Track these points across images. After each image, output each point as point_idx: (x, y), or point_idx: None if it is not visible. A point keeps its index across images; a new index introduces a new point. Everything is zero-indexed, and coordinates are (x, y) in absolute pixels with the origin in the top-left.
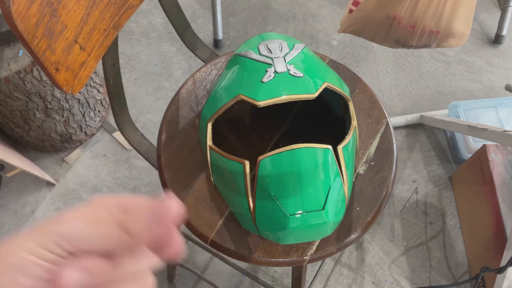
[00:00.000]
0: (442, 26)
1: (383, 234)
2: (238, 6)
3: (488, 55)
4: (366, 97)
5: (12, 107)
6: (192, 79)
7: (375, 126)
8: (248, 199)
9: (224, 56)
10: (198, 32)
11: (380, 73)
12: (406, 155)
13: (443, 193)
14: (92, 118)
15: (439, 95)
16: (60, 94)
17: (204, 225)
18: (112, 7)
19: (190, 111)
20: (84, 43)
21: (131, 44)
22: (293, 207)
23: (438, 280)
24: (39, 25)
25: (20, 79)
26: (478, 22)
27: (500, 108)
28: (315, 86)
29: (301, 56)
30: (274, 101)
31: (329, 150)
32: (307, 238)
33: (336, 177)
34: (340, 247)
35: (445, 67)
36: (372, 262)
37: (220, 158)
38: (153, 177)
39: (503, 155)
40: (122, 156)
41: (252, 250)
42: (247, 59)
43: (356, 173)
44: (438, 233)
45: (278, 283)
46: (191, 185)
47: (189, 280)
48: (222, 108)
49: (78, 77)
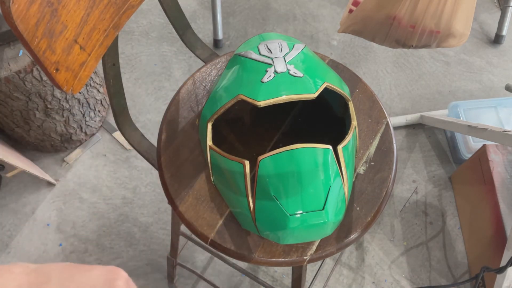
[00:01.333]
0: (442, 26)
1: (383, 234)
2: (238, 6)
3: (488, 55)
4: (366, 97)
5: (12, 107)
6: (192, 79)
7: (375, 126)
8: (248, 199)
9: (224, 56)
10: (198, 32)
11: (380, 73)
12: (406, 155)
13: (443, 193)
14: (92, 118)
15: (439, 95)
16: (60, 94)
17: (204, 225)
18: (112, 7)
19: (190, 111)
20: (84, 43)
21: (131, 44)
22: (293, 207)
23: (438, 280)
24: (39, 25)
25: (20, 79)
26: (478, 22)
27: (500, 108)
28: (315, 86)
29: (301, 56)
30: (274, 101)
31: (329, 150)
32: (307, 238)
33: (336, 177)
34: (340, 247)
35: (445, 67)
36: (372, 262)
37: (220, 158)
38: (153, 177)
39: (503, 155)
40: (122, 156)
41: (252, 250)
42: (247, 59)
43: (356, 173)
44: (438, 233)
45: (278, 283)
46: (191, 185)
47: (189, 280)
48: (222, 108)
49: (78, 77)
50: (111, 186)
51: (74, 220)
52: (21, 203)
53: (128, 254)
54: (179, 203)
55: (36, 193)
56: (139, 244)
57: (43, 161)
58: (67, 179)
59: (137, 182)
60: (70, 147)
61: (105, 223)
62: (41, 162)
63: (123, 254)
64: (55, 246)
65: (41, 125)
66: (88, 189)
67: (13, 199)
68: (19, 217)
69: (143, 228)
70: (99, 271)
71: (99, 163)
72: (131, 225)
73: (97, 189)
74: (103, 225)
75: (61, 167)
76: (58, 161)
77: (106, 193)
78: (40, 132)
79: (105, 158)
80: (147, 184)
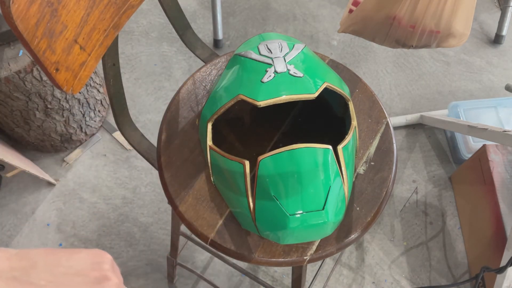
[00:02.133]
0: (442, 26)
1: (383, 234)
2: (238, 6)
3: (488, 55)
4: (366, 97)
5: (12, 107)
6: (192, 79)
7: (375, 126)
8: (248, 199)
9: (224, 56)
10: (198, 32)
11: (380, 73)
12: (406, 155)
13: (443, 193)
14: (92, 118)
15: (439, 95)
16: (60, 94)
17: (204, 225)
18: (112, 7)
19: (190, 111)
20: (84, 43)
21: (131, 44)
22: (293, 207)
23: (438, 280)
24: (39, 25)
25: (20, 79)
26: (478, 22)
27: (500, 108)
28: (315, 86)
29: (301, 56)
30: (274, 101)
31: (329, 150)
32: (307, 238)
33: (336, 177)
34: (340, 247)
35: (445, 67)
36: (372, 262)
37: (220, 158)
38: (153, 177)
39: (503, 155)
40: (122, 156)
41: (252, 250)
42: (247, 59)
43: (356, 173)
44: (438, 233)
45: (278, 283)
46: (191, 185)
47: (189, 280)
48: (222, 108)
49: (78, 77)
50: (111, 186)
51: (74, 220)
52: (21, 203)
53: (128, 254)
54: (179, 203)
55: (36, 193)
56: (139, 244)
57: (43, 161)
58: (67, 179)
59: (137, 182)
60: (70, 147)
61: (105, 223)
62: (41, 162)
63: (123, 254)
64: (55, 246)
65: (41, 125)
66: (88, 189)
67: (13, 199)
68: (19, 217)
69: (143, 228)
70: (84, 254)
71: (99, 163)
72: (131, 225)
73: (97, 189)
74: (103, 225)
75: (61, 167)
76: (58, 161)
77: (106, 193)
78: (40, 132)
79: (105, 158)
80: (147, 184)
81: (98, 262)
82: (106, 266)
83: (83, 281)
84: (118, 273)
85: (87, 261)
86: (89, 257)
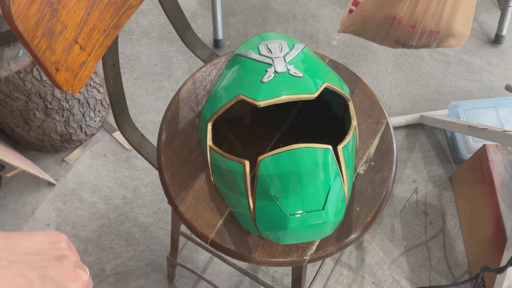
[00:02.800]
0: (442, 26)
1: (383, 234)
2: (238, 6)
3: (488, 55)
4: (366, 97)
5: (12, 107)
6: (192, 79)
7: (375, 126)
8: (248, 199)
9: (224, 56)
10: (198, 32)
11: (380, 73)
12: (406, 155)
13: (443, 193)
14: (92, 118)
15: (439, 95)
16: (60, 94)
17: (204, 225)
18: (112, 7)
19: (190, 111)
20: (84, 43)
21: (131, 44)
22: (293, 207)
23: (438, 280)
24: (39, 25)
25: (20, 79)
26: (478, 22)
27: (500, 108)
28: (315, 86)
29: (301, 56)
30: (274, 101)
31: (329, 150)
32: (307, 238)
33: (336, 177)
34: (340, 247)
35: (445, 67)
36: (372, 262)
37: (220, 158)
38: (153, 177)
39: (503, 155)
40: (122, 156)
41: (252, 250)
42: (247, 59)
43: (356, 173)
44: (438, 233)
45: (278, 283)
46: (191, 185)
47: (189, 280)
48: (222, 108)
49: (78, 77)
50: (111, 186)
51: (74, 220)
52: (21, 203)
53: (128, 254)
54: (179, 203)
55: (36, 193)
56: (139, 244)
57: (43, 161)
58: (67, 179)
59: (137, 182)
60: (70, 147)
61: (105, 223)
62: (41, 162)
63: (123, 254)
64: None
65: (41, 125)
66: (88, 189)
67: (13, 199)
68: (19, 217)
69: (143, 228)
70: (41, 235)
71: (99, 163)
72: (131, 225)
73: (97, 189)
74: (103, 225)
75: (61, 167)
76: (58, 161)
77: (106, 193)
78: (40, 132)
79: (105, 158)
80: (147, 184)
81: (55, 242)
82: (63, 245)
83: (43, 259)
84: (75, 251)
85: (44, 241)
86: (45, 238)
